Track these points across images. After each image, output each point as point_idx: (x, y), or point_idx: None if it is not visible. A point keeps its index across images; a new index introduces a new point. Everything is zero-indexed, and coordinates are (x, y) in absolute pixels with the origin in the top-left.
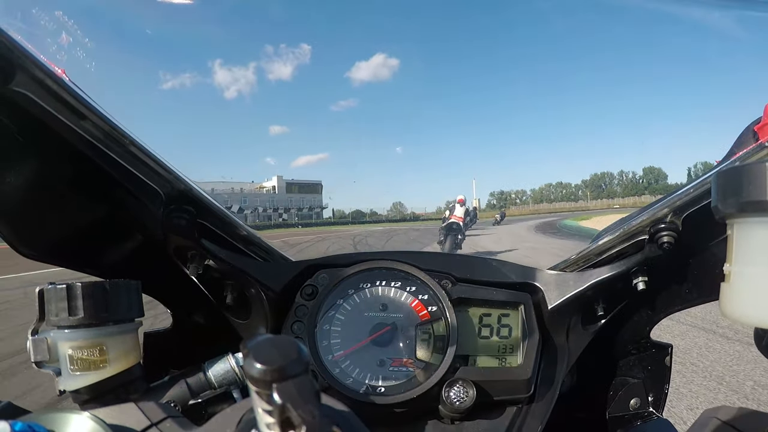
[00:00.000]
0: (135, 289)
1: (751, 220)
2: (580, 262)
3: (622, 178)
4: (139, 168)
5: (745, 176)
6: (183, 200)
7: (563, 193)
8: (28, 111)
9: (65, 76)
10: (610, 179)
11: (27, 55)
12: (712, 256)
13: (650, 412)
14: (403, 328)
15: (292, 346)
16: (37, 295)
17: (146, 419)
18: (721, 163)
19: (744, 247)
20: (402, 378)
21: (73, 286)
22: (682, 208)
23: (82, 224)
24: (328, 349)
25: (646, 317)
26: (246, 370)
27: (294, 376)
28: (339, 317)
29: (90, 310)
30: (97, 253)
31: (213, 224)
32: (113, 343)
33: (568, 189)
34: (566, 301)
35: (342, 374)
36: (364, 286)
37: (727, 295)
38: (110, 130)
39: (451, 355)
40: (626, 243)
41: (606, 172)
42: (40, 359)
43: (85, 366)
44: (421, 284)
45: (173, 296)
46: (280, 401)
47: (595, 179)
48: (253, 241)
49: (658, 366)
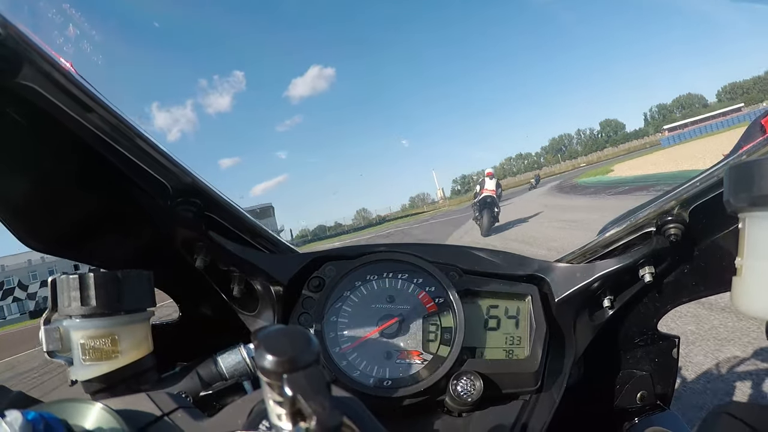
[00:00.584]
0: (147, 279)
1: (763, 214)
2: (587, 254)
3: (581, 137)
4: (146, 161)
5: (758, 171)
6: (190, 193)
7: (525, 164)
8: (35, 104)
9: (72, 69)
10: (569, 140)
11: (34, 49)
12: (719, 249)
13: (657, 404)
14: (410, 320)
15: (303, 336)
16: (50, 285)
17: (158, 409)
18: (728, 156)
19: (756, 241)
20: (409, 370)
21: (85, 276)
22: (689, 201)
23: (90, 217)
24: (335, 341)
25: (653, 309)
26: (257, 361)
27: (305, 367)
28: (346, 309)
29: (102, 299)
30: (104, 245)
31: (220, 216)
32: (125, 333)
33: (529, 159)
34: (573, 293)
35: (349, 366)
36: (371, 278)
37: (738, 288)
38: (117, 124)
39: (458, 348)
40: (633, 235)
41: (564, 134)
42: (52, 349)
43: (97, 356)
44: (428, 276)
45: (181, 288)
46: (291, 393)
47: (554, 143)
48: (260, 233)
49: (665, 358)
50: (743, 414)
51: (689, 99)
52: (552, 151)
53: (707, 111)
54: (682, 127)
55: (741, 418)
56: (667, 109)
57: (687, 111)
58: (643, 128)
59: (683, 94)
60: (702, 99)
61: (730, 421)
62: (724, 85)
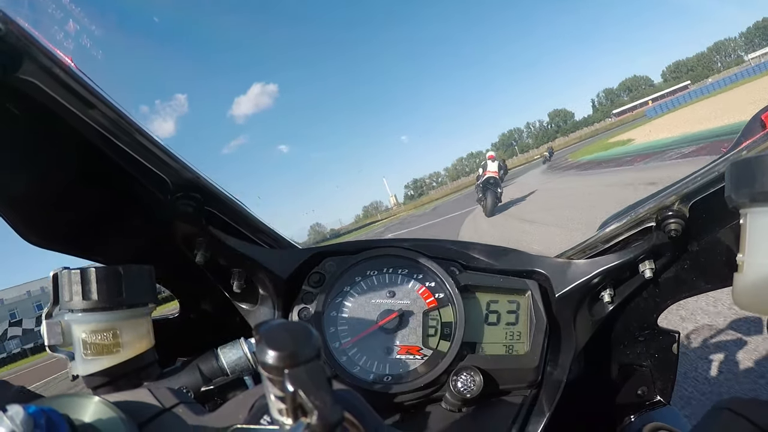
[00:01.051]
0: (148, 274)
1: (765, 210)
2: (587, 249)
3: (531, 130)
4: (146, 156)
5: (760, 166)
6: (190, 188)
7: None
8: (35, 99)
9: (72, 64)
10: (519, 134)
11: (34, 43)
12: (719, 244)
13: (657, 399)
14: (411, 316)
15: (304, 331)
16: (51, 279)
17: (159, 404)
18: (728, 151)
19: (758, 237)
20: (409, 366)
21: (87, 270)
22: (689, 196)
23: (90, 212)
24: (335, 336)
25: (653, 304)
26: (258, 356)
27: (306, 362)
28: (346, 304)
29: (104, 294)
30: (105, 241)
31: (220, 211)
32: (126, 327)
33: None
34: (573, 289)
35: (349, 362)
36: (371, 273)
37: (740, 285)
38: (117, 119)
39: (458, 343)
40: (633, 230)
41: (514, 128)
42: (54, 343)
43: (99, 350)
44: (428, 271)
45: (181, 284)
46: (292, 388)
47: (504, 138)
48: (261, 228)
49: (665, 353)
50: (745, 410)
51: (635, 81)
52: (503, 146)
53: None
54: (673, 93)
55: (743, 414)
56: (614, 93)
57: (634, 93)
58: (592, 115)
59: (629, 77)
60: (648, 80)
61: (731, 416)
62: (668, 64)
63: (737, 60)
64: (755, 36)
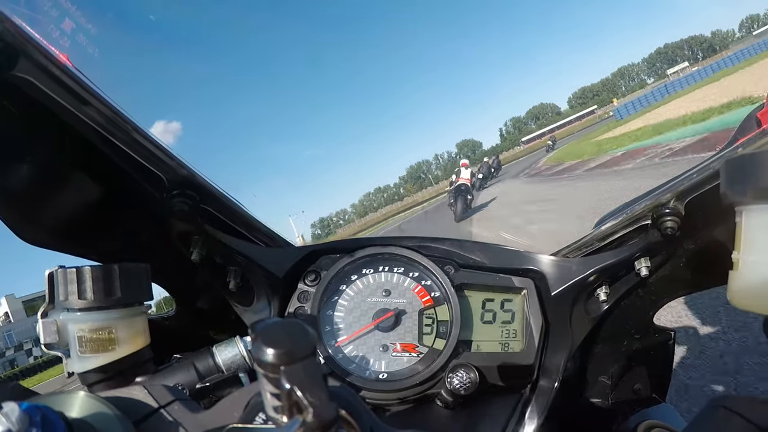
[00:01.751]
0: (144, 272)
1: (760, 208)
2: (583, 247)
3: (439, 162)
4: (142, 154)
5: (755, 164)
6: (186, 185)
7: (385, 197)
8: (30, 96)
9: (68, 62)
10: (427, 166)
11: (30, 41)
12: (715, 242)
13: (653, 397)
14: (406, 314)
15: (299, 329)
16: (47, 278)
17: (154, 401)
18: (724, 148)
19: (753, 235)
20: (405, 363)
21: (82, 269)
22: (685, 193)
23: (86, 211)
24: (331, 335)
25: (649, 302)
26: (254, 354)
27: (301, 360)
28: (342, 303)
29: (99, 293)
30: (100, 239)
31: (216, 209)
32: (122, 325)
33: (388, 191)
34: (569, 287)
35: (345, 360)
36: (367, 271)
37: (735, 283)
38: (113, 116)
39: (454, 341)
40: (629, 228)
41: (422, 160)
42: (49, 341)
43: (94, 348)
44: (423, 270)
45: (177, 282)
46: (288, 385)
47: (413, 171)
48: (256, 226)
49: (661, 351)
50: (740, 407)
51: (542, 109)
52: (411, 179)
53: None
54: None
55: (737, 411)
56: (522, 122)
57: (542, 121)
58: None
59: (536, 105)
60: (555, 107)
61: (726, 414)
62: (574, 91)
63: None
64: (657, 60)
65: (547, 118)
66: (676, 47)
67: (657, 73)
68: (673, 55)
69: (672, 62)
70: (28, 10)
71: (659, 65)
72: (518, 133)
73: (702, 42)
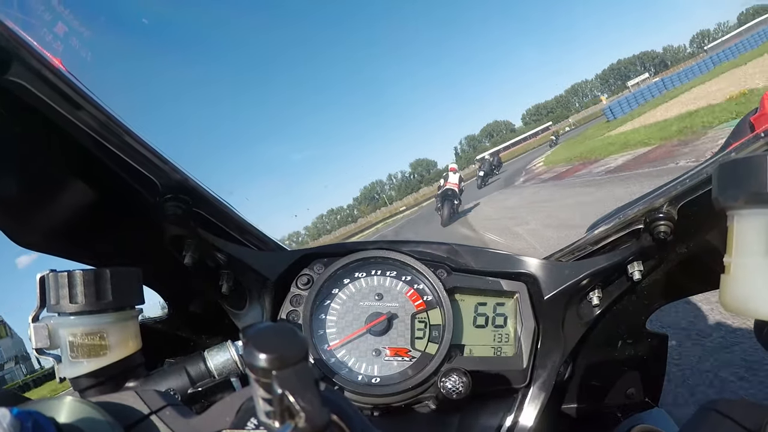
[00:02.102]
0: (136, 276)
1: (751, 212)
2: (576, 251)
3: (392, 182)
4: (135, 158)
5: (746, 168)
6: (179, 190)
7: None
8: (24, 101)
9: (62, 65)
10: (381, 186)
11: (23, 45)
12: (708, 246)
13: (646, 401)
14: (399, 318)
15: (291, 333)
16: (38, 282)
17: (146, 407)
18: (717, 153)
19: (744, 239)
20: (398, 368)
21: (73, 273)
22: (678, 198)
23: (79, 214)
24: (323, 339)
25: (642, 307)
26: (246, 358)
27: (293, 364)
28: (335, 307)
29: (91, 297)
30: (93, 243)
31: (209, 213)
32: (113, 330)
33: (341, 212)
34: (562, 291)
35: (337, 364)
36: (360, 275)
37: (727, 287)
38: (106, 121)
39: (446, 345)
40: (622, 232)
41: (376, 181)
42: (40, 346)
43: (86, 353)
44: (416, 274)
45: (169, 286)
46: (280, 390)
47: (367, 192)
48: (249, 230)
49: (654, 356)
50: (732, 411)
51: (496, 126)
52: (365, 200)
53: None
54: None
55: (729, 416)
56: (476, 140)
57: (496, 138)
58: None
59: (490, 122)
60: (509, 124)
61: (718, 418)
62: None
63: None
64: (610, 77)
65: (501, 135)
66: (628, 63)
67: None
68: (626, 70)
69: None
70: (21, 14)
71: (612, 81)
72: (473, 151)
73: (654, 57)
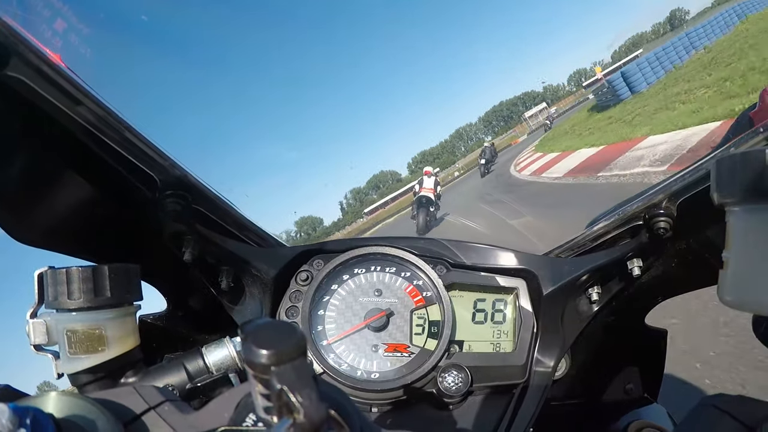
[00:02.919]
0: (134, 272)
1: (750, 208)
2: (575, 247)
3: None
4: (134, 153)
5: (744, 163)
6: (178, 186)
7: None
8: (23, 96)
9: (61, 61)
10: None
11: (22, 41)
12: (707, 242)
13: (645, 397)
14: (398, 314)
15: (289, 329)
16: (36, 279)
17: (144, 402)
18: (716, 148)
19: (742, 235)
20: (396, 363)
21: (71, 270)
22: (677, 194)
23: (78, 210)
24: (322, 335)
25: (641, 303)
26: (244, 354)
27: (291, 360)
28: (334, 302)
29: (89, 293)
30: (92, 239)
31: (208, 210)
32: (112, 326)
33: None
34: (561, 287)
35: (336, 359)
36: (359, 271)
37: (725, 282)
38: (105, 116)
39: (445, 341)
40: (621, 228)
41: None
42: (39, 342)
43: (84, 349)
44: (415, 270)
45: (168, 282)
46: (278, 386)
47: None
48: (248, 226)
49: (653, 351)
50: (730, 407)
51: (383, 177)
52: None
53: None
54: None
55: (728, 411)
56: (362, 193)
57: (383, 189)
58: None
59: (376, 173)
60: (395, 174)
61: (716, 413)
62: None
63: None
64: (492, 118)
65: (388, 186)
66: (510, 104)
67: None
68: (509, 111)
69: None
70: (21, 10)
71: (495, 122)
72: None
73: (535, 97)
